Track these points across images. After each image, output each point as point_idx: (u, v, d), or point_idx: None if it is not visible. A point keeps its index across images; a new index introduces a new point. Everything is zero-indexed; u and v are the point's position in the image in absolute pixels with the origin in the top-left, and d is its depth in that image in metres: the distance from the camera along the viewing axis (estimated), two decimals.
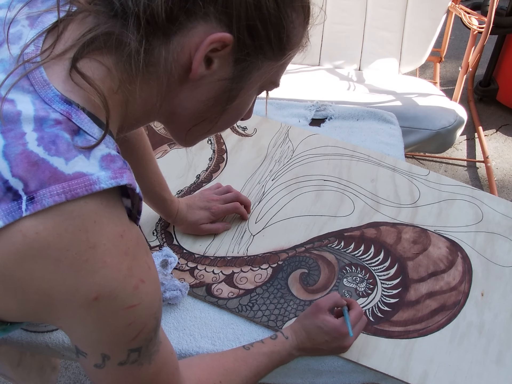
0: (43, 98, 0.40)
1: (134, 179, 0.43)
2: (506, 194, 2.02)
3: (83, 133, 0.41)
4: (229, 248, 0.89)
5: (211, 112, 0.51)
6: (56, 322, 0.44)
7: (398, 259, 0.89)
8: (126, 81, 0.44)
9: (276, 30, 0.46)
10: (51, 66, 0.42)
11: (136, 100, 0.46)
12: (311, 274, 0.85)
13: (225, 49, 0.45)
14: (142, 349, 0.46)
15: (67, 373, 1.45)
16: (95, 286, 0.40)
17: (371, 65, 1.86)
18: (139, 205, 0.46)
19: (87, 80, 0.41)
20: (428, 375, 0.74)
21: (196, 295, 0.82)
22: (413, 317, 0.81)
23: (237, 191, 0.94)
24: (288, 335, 0.72)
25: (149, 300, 0.44)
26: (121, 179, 0.41)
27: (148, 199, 0.87)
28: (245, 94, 0.51)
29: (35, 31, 0.44)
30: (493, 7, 1.52)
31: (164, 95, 0.48)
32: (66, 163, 0.38)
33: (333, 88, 1.73)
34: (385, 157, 1.09)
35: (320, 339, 0.71)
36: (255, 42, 0.45)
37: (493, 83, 2.37)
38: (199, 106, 0.50)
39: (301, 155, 1.09)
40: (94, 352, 0.45)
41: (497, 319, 0.82)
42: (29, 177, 0.37)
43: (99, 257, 0.39)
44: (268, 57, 0.48)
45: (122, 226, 0.42)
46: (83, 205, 0.39)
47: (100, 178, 0.39)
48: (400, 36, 1.80)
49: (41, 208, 0.37)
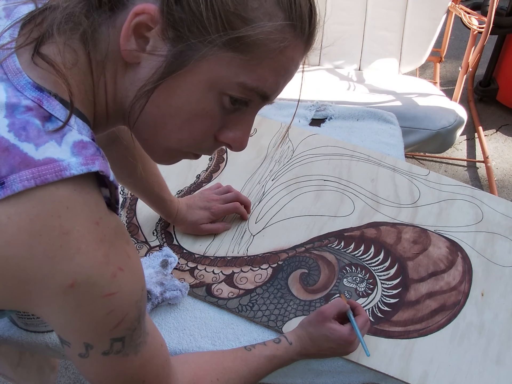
0: (15, 85, 0.40)
1: (109, 167, 0.43)
2: (506, 194, 2.02)
3: (55, 120, 0.41)
4: (229, 248, 0.89)
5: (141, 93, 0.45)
6: (36, 310, 0.43)
7: (398, 259, 0.89)
8: (83, 60, 0.44)
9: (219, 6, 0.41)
10: (23, 54, 0.42)
11: (99, 84, 0.46)
12: (311, 274, 0.85)
13: (157, 26, 0.42)
14: (125, 339, 0.45)
15: (67, 373, 1.45)
16: (71, 272, 0.39)
17: (371, 65, 1.86)
18: (116, 194, 0.45)
19: (44, 59, 0.42)
20: (428, 375, 0.74)
21: (196, 295, 0.82)
22: (413, 317, 0.81)
23: (237, 191, 0.94)
24: (292, 340, 0.71)
25: (129, 288, 0.43)
26: (92, 166, 0.40)
27: (147, 200, 0.87)
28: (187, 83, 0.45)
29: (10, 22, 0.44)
30: (493, 7, 1.52)
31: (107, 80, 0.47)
32: (36, 149, 0.38)
33: (333, 88, 1.73)
34: (385, 157, 1.09)
35: (325, 346, 0.71)
36: (187, 16, 0.41)
37: (493, 83, 2.37)
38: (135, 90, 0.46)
39: (301, 155, 1.09)
40: (76, 341, 0.45)
41: (497, 319, 0.82)
42: (1, 162, 0.38)
43: (73, 243, 0.39)
44: (216, 43, 0.42)
45: (98, 213, 0.42)
46: (54, 191, 0.39)
47: (70, 164, 0.39)
48: (400, 36, 1.80)
49: (11, 193, 0.37)
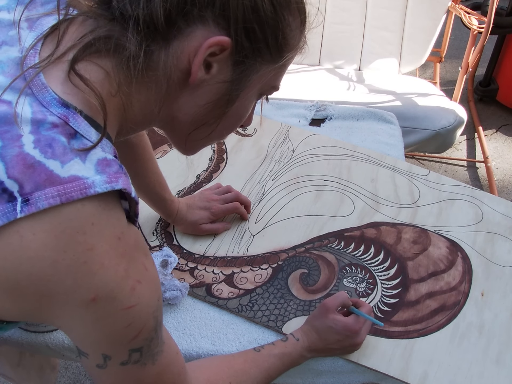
0: (40, 101, 0.40)
1: (130, 183, 0.44)
2: (506, 194, 2.02)
3: (80, 137, 0.41)
4: (229, 248, 0.89)
5: (210, 117, 0.51)
6: (55, 322, 0.44)
7: (398, 259, 0.89)
8: (125, 85, 0.44)
9: (273, 33, 0.46)
10: (49, 69, 0.42)
11: (135, 104, 0.47)
12: (311, 274, 0.85)
13: (224, 52, 0.45)
14: (143, 349, 0.46)
15: (67, 373, 1.45)
16: (93, 287, 0.40)
17: (371, 65, 1.86)
18: (136, 209, 0.46)
19: (85, 82, 0.42)
20: (428, 375, 0.74)
21: (196, 295, 0.82)
22: (413, 317, 0.81)
23: (237, 191, 0.94)
24: (298, 336, 0.72)
25: (147, 300, 0.44)
26: (116, 184, 0.41)
27: (148, 199, 0.87)
28: (244, 97, 0.51)
29: (33, 34, 0.44)
30: (493, 7, 1.52)
31: (163, 100, 0.48)
32: (62, 166, 0.39)
33: (333, 88, 1.73)
34: (385, 157, 1.09)
35: (332, 339, 0.71)
36: (252, 44, 0.46)
37: (493, 83, 2.37)
38: (198, 110, 0.50)
39: (301, 155, 1.09)
40: (95, 352, 0.45)
41: (497, 319, 0.82)
42: (25, 179, 0.38)
43: (97, 259, 0.40)
44: (266, 59, 0.48)
45: (120, 228, 0.42)
46: (80, 208, 0.39)
47: (95, 182, 0.40)
48: (400, 36, 1.80)
49: (35, 210, 0.37)
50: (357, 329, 0.71)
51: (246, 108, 0.54)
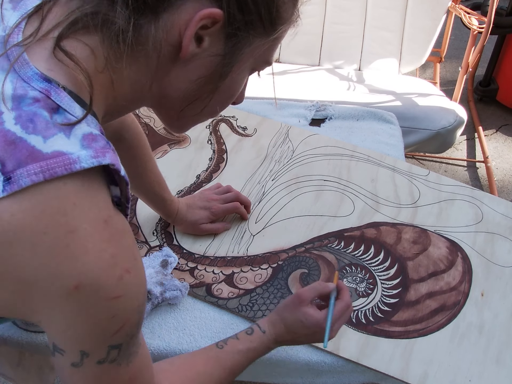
0: (22, 77, 0.39)
1: (119, 161, 0.42)
2: (506, 194, 2.02)
3: (63, 112, 0.39)
4: (229, 248, 0.89)
5: (202, 91, 0.49)
6: (34, 316, 0.41)
7: (398, 259, 0.89)
8: (113, 60, 0.43)
9: (266, 4, 0.45)
10: (33, 47, 0.41)
11: (124, 80, 0.45)
12: (311, 274, 0.85)
13: (215, 25, 0.44)
14: (122, 346, 0.44)
15: None
16: (76, 273, 0.37)
17: (371, 65, 1.86)
18: (126, 191, 0.44)
19: (70, 58, 0.40)
20: (428, 375, 0.74)
21: (196, 295, 0.82)
22: (413, 317, 0.81)
23: (237, 191, 0.94)
24: (265, 328, 0.67)
25: (134, 292, 0.42)
26: (103, 158, 0.39)
27: (147, 199, 0.87)
28: (237, 71, 0.50)
29: (17, 13, 0.43)
30: (493, 7, 1.52)
31: (153, 75, 0.47)
32: (44, 141, 0.37)
33: (333, 88, 1.73)
34: (385, 157, 1.09)
35: (300, 332, 0.67)
36: (245, 17, 0.45)
37: (493, 83, 2.37)
38: (190, 85, 0.48)
39: (301, 155, 1.09)
40: (73, 349, 0.42)
41: (497, 319, 0.82)
42: (6, 156, 0.36)
43: (80, 242, 0.37)
44: (259, 32, 0.47)
45: (106, 211, 0.40)
46: (61, 186, 0.37)
47: (80, 157, 0.37)
48: (400, 36, 1.80)
49: (18, 189, 0.35)
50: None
51: (238, 83, 0.52)
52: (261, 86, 1.70)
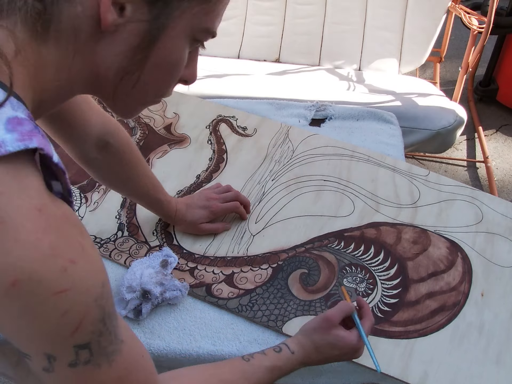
0: None
1: (50, 146, 0.39)
2: (506, 194, 2.02)
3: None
4: (229, 248, 0.89)
5: (131, 64, 0.46)
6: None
7: (398, 259, 0.89)
8: (31, 41, 0.41)
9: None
10: None
11: (47, 63, 0.43)
12: (311, 274, 0.85)
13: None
14: (92, 346, 0.40)
15: None
16: (10, 269, 0.34)
17: (371, 65, 1.86)
18: (66, 182, 0.40)
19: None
20: (428, 375, 0.74)
21: (196, 295, 0.82)
22: (413, 317, 0.81)
23: (237, 191, 0.94)
24: (294, 350, 0.66)
25: (85, 284, 0.38)
26: (29, 142, 0.36)
27: (144, 202, 0.87)
28: (168, 40, 0.46)
29: None
30: (493, 7, 1.52)
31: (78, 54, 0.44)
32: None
33: (333, 88, 1.73)
34: (385, 157, 1.09)
35: (330, 354, 0.67)
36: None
37: (493, 83, 2.37)
38: (118, 59, 0.45)
39: (301, 155, 1.09)
40: (35, 352, 0.39)
41: (497, 319, 0.82)
42: None
43: (9, 234, 0.34)
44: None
45: (39, 200, 0.37)
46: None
47: (5, 141, 0.35)
48: (400, 36, 1.80)
49: None
50: (360, 346, 0.68)
51: (175, 52, 0.48)
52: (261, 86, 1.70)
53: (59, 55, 0.43)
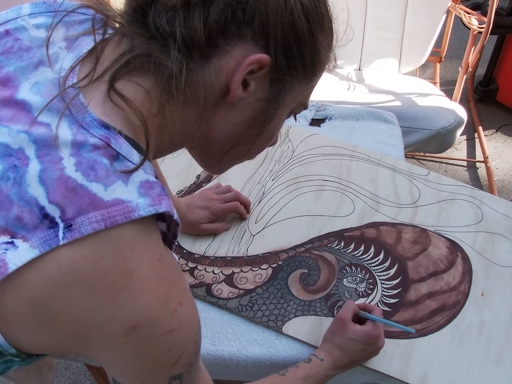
0: (80, 122, 0.39)
1: (172, 205, 0.43)
2: (506, 194, 2.02)
3: (123, 159, 0.40)
4: (229, 248, 0.89)
5: (247, 135, 0.51)
6: (91, 354, 0.41)
7: (398, 259, 0.89)
8: (166, 103, 0.43)
9: (310, 51, 0.47)
10: (87, 90, 0.41)
11: (175, 124, 0.46)
12: (311, 274, 0.85)
13: (261, 70, 0.45)
14: (183, 376, 0.44)
15: (67, 373, 1.45)
16: (134, 313, 0.38)
17: (371, 65, 1.86)
18: (176, 230, 0.45)
19: (126, 102, 0.41)
20: (428, 375, 0.74)
21: (196, 295, 0.82)
22: (413, 317, 0.81)
23: (237, 191, 0.94)
24: (322, 356, 0.70)
25: (188, 322, 0.42)
26: (159, 207, 0.40)
27: None
28: (279, 116, 0.51)
29: (72, 55, 0.43)
30: (493, 7, 1.52)
31: (201, 119, 0.47)
32: (105, 189, 0.37)
33: (333, 88, 1.73)
34: (385, 157, 1.09)
35: (356, 350, 0.70)
36: (289, 62, 0.46)
37: (493, 83, 2.37)
38: (234, 129, 0.49)
39: (301, 155, 1.09)
40: (132, 382, 0.43)
41: (497, 319, 0.82)
42: (67, 203, 0.36)
43: (137, 283, 0.38)
44: (301, 78, 0.48)
45: (159, 251, 0.41)
46: (120, 232, 0.38)
47: (139, 205, 0.38)
48: (400, 36, 1.80)
49: (79, 236, 0.36)
50: (379, 334, 0.70)
51: (278, 126, 0.54)
52: None
53: (187, 118, 0.46)
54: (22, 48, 0.43)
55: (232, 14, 0.42)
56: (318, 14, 0.46)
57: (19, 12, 0.45)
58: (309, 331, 0.78)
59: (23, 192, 0.36)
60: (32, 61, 0.42)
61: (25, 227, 0.36)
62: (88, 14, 0.45)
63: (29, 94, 0.40)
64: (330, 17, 0.49)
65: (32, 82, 0.41)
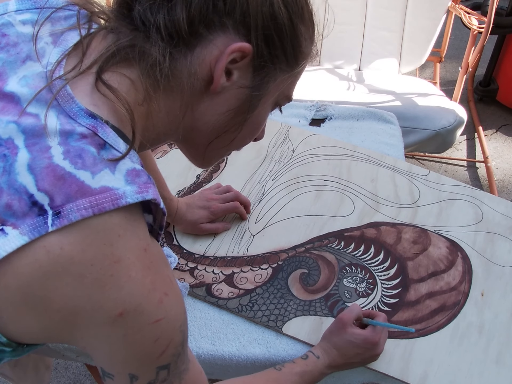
0: (67, 112, 0.40)
1: (159, 194, 0.43)
2: (506, 194, 2.02)
3: (109, 147, 0.41)
4: (229, 248, 0.89)
5: (232, 124, 0.51)
6: (80, 343, 0.42)
7: (398, 259, 0.89)
8: (151, 91, 0.44)
9: (290, 40, 0.48)
10: (75, 81, 0.42)
11: (160, 112, 0.47)
12: (311, 274, 0.85)
13: (244, 59, 0.46)
14: (171, 366, 0.45)
15: (67, 373, 1.45)
16: (120, 301, 0.39)
17: (371, 65, 1.86)
18: (162, 220, 0.46)
19: (113, 91, 0.42)
20: (428, 375, 0.74)
21: (196, 295, 0.82)
22: (413, 317, 0.80)
23: (237, 191, 0.94)
24: (319, 354, 0.71)
25: (174, 313, 0.43)
26: (146, 194, 0.41)
27: None
28: (263, 105, 0.52)
29: (58, 49, 0.44)
30: (493, 7, 1.52)
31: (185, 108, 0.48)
32: (92, 177, 0.38)
33: (333, 88, 1.73)
34: (385, 157, 1.09)
35: (352, 353, 0.70)
36: (271, 51, 0.47)
37: (493, 83, 2.37)
38: (219, 118, 0.50)
39: (301, 155, 1.09)
40: (121, 373, 0.44)
41: (497, 319, 0.82)
42: (55, 191, 0.37)
43: (124, 271, 0.39)
44: (283, 66, 0.50)
45: (145, 240, 0.42)
46: (107, 219, 0.38)
47: (126, 193, 0.39)
48: (400, 36, 1.80)
49: (67, 223, 0.36)
50: (377, 340, 0.70)
51: (263, 117, 0.55)
52: None
53: (172, 107, 0.47)
54: (9, 44, 0.44)
55: (213, 4, 0.44)
56: (298, 5, 0.48)
57: (6, 8, 0.46)
58: (309, 331, 0.78)
59: (12, 180, 0.37)
60: (19, 56, 0.43)
61: (14, 215, 0.36)
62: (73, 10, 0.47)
63: (18, 87, 0.41)
64: (310, 10, 0.50)
65: (20, 76, 0.42)
